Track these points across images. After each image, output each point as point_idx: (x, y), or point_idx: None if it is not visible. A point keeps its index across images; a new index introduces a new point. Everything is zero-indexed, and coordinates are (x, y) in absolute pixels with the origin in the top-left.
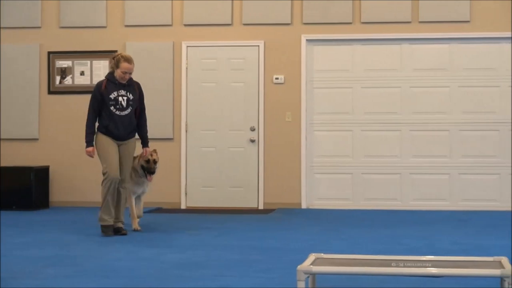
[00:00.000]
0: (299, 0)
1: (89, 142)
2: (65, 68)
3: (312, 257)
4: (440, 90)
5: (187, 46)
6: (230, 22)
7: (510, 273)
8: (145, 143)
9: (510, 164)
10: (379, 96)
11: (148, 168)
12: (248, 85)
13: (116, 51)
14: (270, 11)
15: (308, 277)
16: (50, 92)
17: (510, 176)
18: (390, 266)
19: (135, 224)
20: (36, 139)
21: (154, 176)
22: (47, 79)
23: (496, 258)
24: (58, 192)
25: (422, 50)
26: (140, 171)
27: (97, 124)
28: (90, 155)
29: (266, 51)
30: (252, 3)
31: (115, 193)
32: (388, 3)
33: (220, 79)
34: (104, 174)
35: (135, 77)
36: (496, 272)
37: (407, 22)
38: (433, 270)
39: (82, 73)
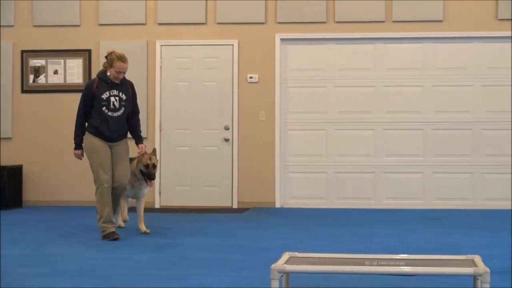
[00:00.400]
0: (273, 0)
1: (78, 144)
2: (38, 67)
3: (286, 256)
4: (414, 90)
5: (161, 45)
6: (204, 21)
7: (483, 271)
8: (139, 140)
9: (482, 163)
10: (353, 95)
11: (147, 173)
12: (222, 84)
13: (89, 50)
14: (244, 10)
15: (282, 276)
16: (23, 91)
17: (483, 174)
18: (363, 265)
19: (121, 222)
20: (9, 138)
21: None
22: (21, 78)
23: (469, 256)
24: (31, 192)
25: (396, 49)
26: (140, 175)
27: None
28: (79, 157)
29: (240, 50)
30: (226, 2)
31: (111, 200)
32: (362, 2)
33: (194, 78)
34: (95, 182)
35: None
36: (469, 270)
37: (380, 22)
38: (407, 269)
39: (55, 72)
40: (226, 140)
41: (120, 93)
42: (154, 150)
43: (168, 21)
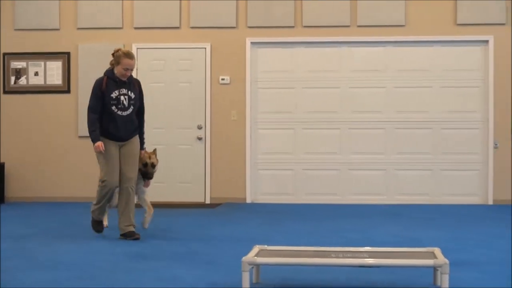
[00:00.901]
0: (244, 4)
1: (95, 138)
2: (19, 69)
3: (256, 249)
4: (377, 91)
5: (137, 48)
6: (178, 25)
7: (442, 263)
8: (141, 144)
9: (441, 161)
10: (320, 96)
11: (144, 172)
12: (195, 85)
13: (69, 52)
14: (216, 14)
15: (252, 267)
16: (5, 92)
17: (442, 171)
18: (330, 257)
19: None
20: None
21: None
22: (2, 79)
23: (429, 249)
24: (13, 188)
25: (360, 52)
26: (139, 174)
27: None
28: (100, 150)
29: (212, 53)
30: (199, 7)
31: (111, 197)
32: (328, 8)
33: (169, 80)
34: (102, 181)
35: (87, 77)
36: (429, 262)
37: (346, 26)
38: (370, 261)
39: (36, 74)
40: (199, 138)
41: (129, 92)
42: (155, 151)
43: (144, 25)
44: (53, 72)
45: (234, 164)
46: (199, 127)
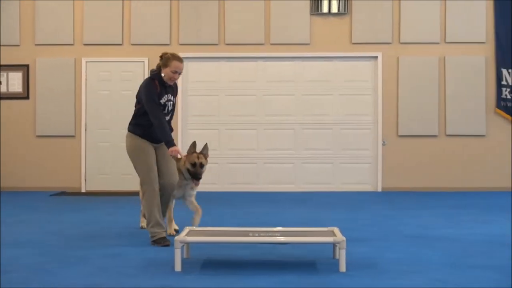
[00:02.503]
0: (176, 25)
1: (171, 141)
2: None
3: (187, 229)
4: (287, 98)
5: (86, 62)
6: (121, 42)
7: (340, 240)
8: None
9: (340, 155)
10: (240, 102)
11: (193, 173)
12: (135, 93)
13: (28, 65)
14: (153, 34)
15: (183, 245)
16: None
17: (341, 164)
18: (248, 235)
19: (171, 228)
20: None
21: (66, 164)
22: None
23: (330, 228)
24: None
25: (273, 66)
26: (187, 175)
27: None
28: (178, 153)
29: (150, 66)
30: (138, 27)
31: (159, 203)
32: (246, 29)
33: (113, 88)
34: (142, 186)
35: (44, 86)
36: (330, 239)
37: (261, 44)
38: (281, 239)
39: None
40: None
41: (172, 97)
42: (206, 145)
43: (92, 42)
44: (15, 82)
45: None
46: None
